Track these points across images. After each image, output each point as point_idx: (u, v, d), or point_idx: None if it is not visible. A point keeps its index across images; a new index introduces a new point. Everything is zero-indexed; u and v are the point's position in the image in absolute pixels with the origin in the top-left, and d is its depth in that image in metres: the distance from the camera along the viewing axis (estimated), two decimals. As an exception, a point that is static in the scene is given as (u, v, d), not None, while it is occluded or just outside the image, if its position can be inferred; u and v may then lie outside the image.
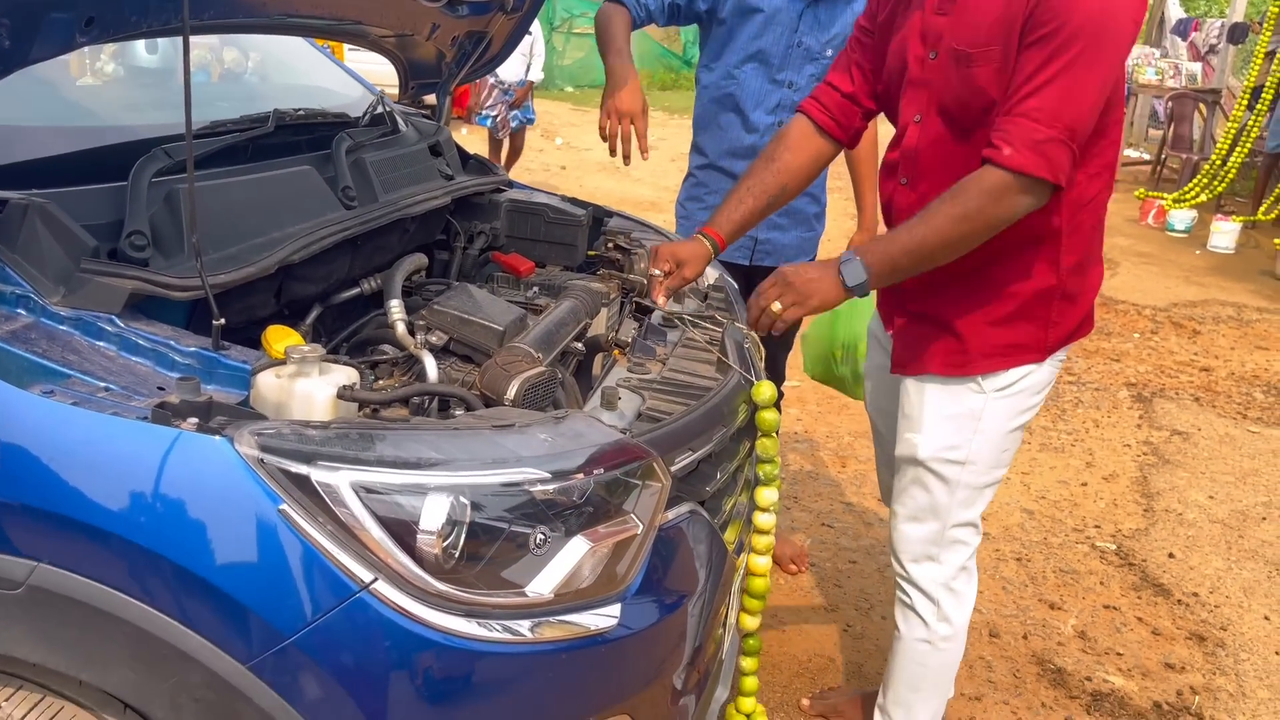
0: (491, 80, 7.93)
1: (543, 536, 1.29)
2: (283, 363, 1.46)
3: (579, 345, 2.10)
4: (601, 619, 1.36)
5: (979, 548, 2.05)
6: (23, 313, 1.38)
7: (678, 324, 2.16)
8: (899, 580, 2.09)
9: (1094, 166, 1.78)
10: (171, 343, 1.37)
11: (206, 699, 1.22)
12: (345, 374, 1.51)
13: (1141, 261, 7.83)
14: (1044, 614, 3.03)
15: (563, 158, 10.62)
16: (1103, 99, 1.64)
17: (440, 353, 1.90)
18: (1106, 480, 4.01)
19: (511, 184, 2.75)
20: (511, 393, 1.66)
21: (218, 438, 1.21)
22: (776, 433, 1.88)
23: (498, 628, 1.27)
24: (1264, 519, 3.75)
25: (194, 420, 1.22)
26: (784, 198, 2.13)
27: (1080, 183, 1.77)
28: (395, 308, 1.90)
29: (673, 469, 1.51)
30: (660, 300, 2.09)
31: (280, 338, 1.57)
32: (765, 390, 1.79)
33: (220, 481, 1.20)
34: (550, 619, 1.31)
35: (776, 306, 1.78)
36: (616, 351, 2.10)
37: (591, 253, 2.64)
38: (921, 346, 1.95)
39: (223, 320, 1.36)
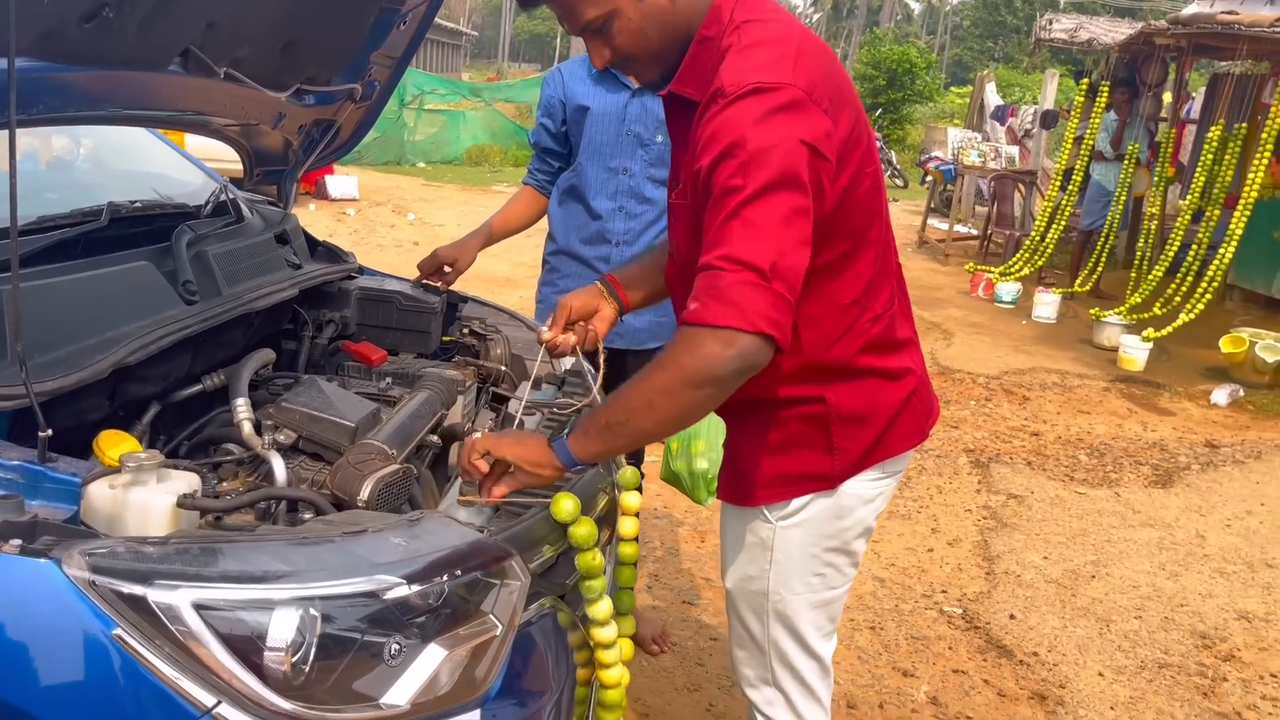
0: None
1: (397, 646, 1.26)
2: (117, 471, 1.40)
3: (434, 438, 2.08)
4: (462, 726, 1.33)
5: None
6: None
7: (536, 412, 2.16)
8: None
9: (839, 300, 1.63)
10: (-9, 457, 1.28)
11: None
12: (185, 480, 1.45)
13: (974, 332, 8.30)
14: (898, 682, 3.12)
15: (415, 233, 10.51)
16: (794, 230, 1.42)
17: (289, 451, 1.84)
18: (951, 545, 4.19)
19: (362, 270, 2.71)
20: (365, 493, 1.63)
21: (44, 560, 1.14)
22: (637, 514, 1.88)
23: (352, 744, 1.23)
24: (1093, 577, 3.98)
25: (17, 542, 1.15)
26: None
27: (818, 317, 1.62)
28: (241, 406, 1.84)
29: (531, 565, 1.50)
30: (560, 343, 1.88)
31: (114, 444, 1.50)
32: (564, 505, 1.57)
33: (47, 607, 1.13)
34: (408, 729, 1.28)
35: (499, 490, 1.59)
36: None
37: (446, 339, 2.63)
38: (724, 471, 1.85)
39: (49, 431, 1.29)
